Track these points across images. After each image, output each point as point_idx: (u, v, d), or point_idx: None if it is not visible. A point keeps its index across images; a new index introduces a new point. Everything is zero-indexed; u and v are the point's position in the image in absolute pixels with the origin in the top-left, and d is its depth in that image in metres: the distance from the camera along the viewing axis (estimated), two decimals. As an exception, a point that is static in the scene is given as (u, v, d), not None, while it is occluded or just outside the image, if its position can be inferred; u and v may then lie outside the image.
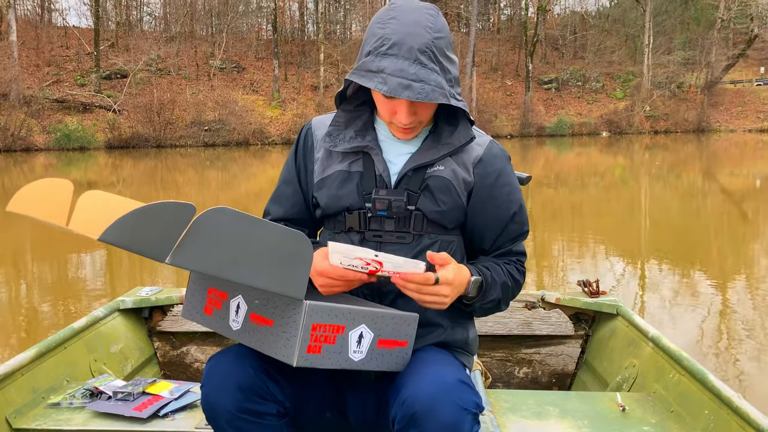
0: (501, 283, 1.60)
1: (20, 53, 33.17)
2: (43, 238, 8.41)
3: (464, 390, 1.37)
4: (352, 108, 1.68)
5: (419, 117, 1.54)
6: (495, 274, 1.60)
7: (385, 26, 1.48)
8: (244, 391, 1.42)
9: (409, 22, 1.47)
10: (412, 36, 1.45)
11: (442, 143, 1.60)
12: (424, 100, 1.42)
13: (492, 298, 1.58)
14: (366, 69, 1.47)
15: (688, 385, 2.06)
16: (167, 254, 1.13)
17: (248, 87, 38.71)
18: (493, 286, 1.58)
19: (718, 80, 44.91)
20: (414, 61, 1.43)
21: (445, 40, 1.50)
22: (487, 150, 1.64)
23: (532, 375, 2.87)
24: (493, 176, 1.62)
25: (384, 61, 1.45)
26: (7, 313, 5.23)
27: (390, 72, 1.43)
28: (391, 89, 1.42)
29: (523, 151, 27.30)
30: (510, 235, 1.66)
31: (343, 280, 1.46)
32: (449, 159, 1.61)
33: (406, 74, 1.42)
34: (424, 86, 1.43)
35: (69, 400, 2.12)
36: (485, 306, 1.60)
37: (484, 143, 1.65)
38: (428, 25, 1.47)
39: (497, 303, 1.61)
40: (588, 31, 48.12)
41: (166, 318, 2.92)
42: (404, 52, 1.44)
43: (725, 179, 15.91)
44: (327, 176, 1.65)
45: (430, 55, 1.45)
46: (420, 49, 1.44)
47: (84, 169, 20.81)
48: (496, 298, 1.59)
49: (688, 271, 6.44)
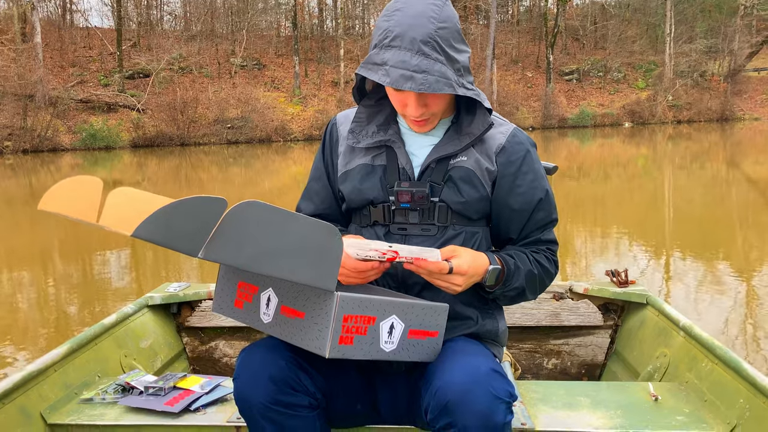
0: (525, 272, 1.59)
1: (44, 55, 33.52)
2: (69, 237, 8.54)
3: (497, 379, 1.37)
4: (373, 103, 1.69)
5: (430, 108, 1.54)
6: (519, 261, 1.59)
7: (390, 18, 1.48)
8: (276, 383, 1.43)
9: (412, 13, 1.46)
10: (414, 27, 1.44)
11: (463, 133, 1.60)
12: (427, 91, 1.42)
13: (515, 286, 1.57)
14: (371, 62, 1.48)
15: (722, 374, 2.03)
16: (200, 249, 1.14)
17: (269, 84, 38.86)
18: (515, 274, 1.57)
19: (741, 68, 44.17)
20: (416, 52, 1.43)
21: (451, 30, 1.48)
22: (510, 138, 1.63)
23: (561, 366, 2.85)
24: (516, 164, 1.61)
25: (387, 53, 1.45)
26: (37, 310, 5.31)
27: (392, 64, 1.43)
28: (393, 81, 1.42)
29: (546, 142, 27.12)
30: (537, 223, 1.64)
31: (357, 271, 1.46)
32: (472, 149, 1.60)
33: (408, 65, 1.42)
34: (427, 77, 1.42)
35: (101, 396, 2.15)
36: (508, 293, 1.59)
37: (507, 131, 1.64)
38: (432, 15, 1.46)
39: (521, 291, 1.60)
40: (608, 21, 47.58)
41: (195, 313, 2.94)
42: (406, 43, 1.43)
43: (750, 168, 15.75)
44: (350, 169, 1.67)
45: (434, 45, 1.44)
46: (422, 40, 1.43)
47: (110, 168, 21.06)
48: (519, 286, 1.58)
49: (713, 261, 6.41)
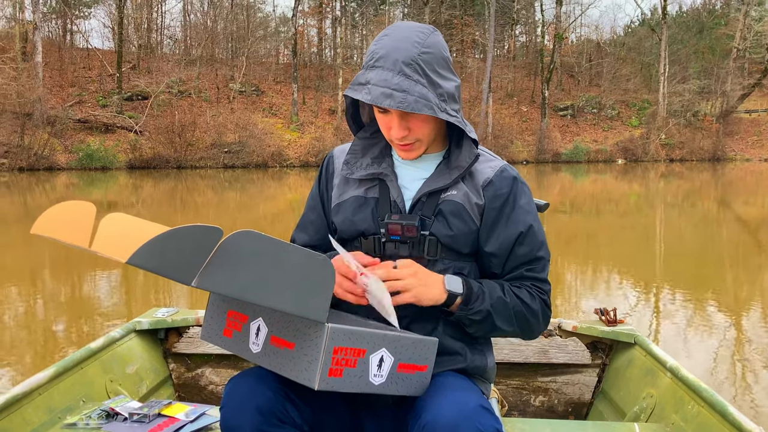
0: (494, 298, 1.56)
1: (44, 74, 33.72)
2: (60, 257, 8.46)
3: (485, 415, 1.36)
4: (369, 135, 1.72)
5: (414, 133, 1.56)
6: (486, 287, 1.57)
7: (378, 42, 1.53)
8: (263, 414, 1.41)
9: (398, 37, 1.51)
10: (398, 49, 1.48)
11: (453, 167, 1.62)
12: (406, 109, 1.45)
13: (479, 309, 1.54)
14: (356, 82, 1.51)
15: (708, 416, 2.02)
16: (194, 277, 1.13)
17: (267, 110, 39.15)
18: (479, 297, 1.54)
19: (733, 109, 44.81)
20: (398, 73, 1.46)
21: (435, 56, 1.52)
22: (498, 172, 1.64)
23: (548, 404, 2.83)
24: (502, 198, 1.62)
25: (371, 73, 1.49)
26: (25, 331, 5.26)
27: (374, 82, 1.47)
28: (374, 98, 1.45)
29: (539, 177, 27.34)
30: (519, 258, 1.62)
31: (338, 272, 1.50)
32: (461, 183, 1.62)
33: (389, 84, 1.45)
34: (407, 96, 1.45)
35: (85, 421, 2.11)
36: (472, 317, 1.55)
37: (496, 167, 1.65)
38: (416, 40, 1.50)
39: (488, 317, 1.55)
40: (603, 59, 48.24)
41: (182, 340, 2.91)
42: (389, 63, 1.47)
43: (740, 208, 15.89)
44: (343, 201, 1.68)
45: (416, 68, 1.48)
46: (405, 62, 1.47)
47: (105, 189, 20.98)
48: (483, 310, 1.54)
49: (703, 300, 6.40)
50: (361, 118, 1.75)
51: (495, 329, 1.58)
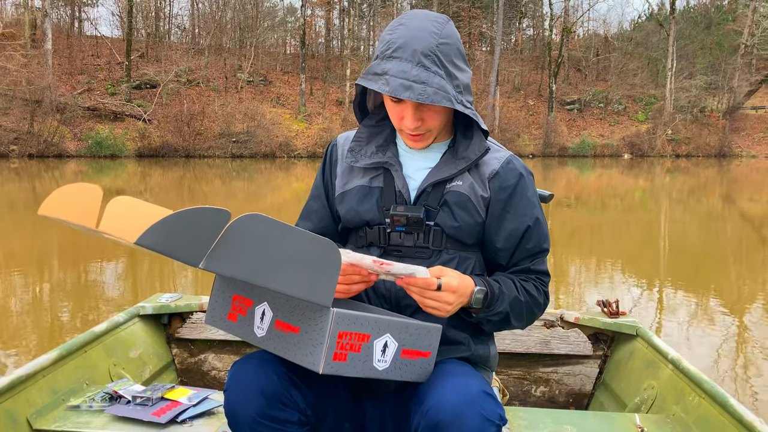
0: (511, 298, 1.57)
1: (53, 61, 33.74)
2: (68, 243, 8.51)
3: (488, 401, 1.36)
4: (374, 123, 1.71)
5: (427, 124, 1.55)
6: (505, 287, 1.57)
7: (393, 32, 1.50)
8: (267, 398, 1.42)
9: (415, 27, 1.49)
10: (416, 40, 1.46)
11: (459, 158, 1.60)
12: (425, 101, 1.43)
13: (498, 311, 1.55)
14: (372, 72, 1.49)
15: (709, 408, 2.03)
16: (201, 259, 1.13)
17: (275, 100, 39.23)
18: (500, 299, 1.55)
19: (740, 105, 44.75)
20: (417, 64, 1.45)
21: (452, 47, 1.50)
22: (504, 164, 1.63)
23: (549, 394, 2.83)
24: (508, 190, 1.61)
25: (388, 64, 1.46)
26: (31, 316, 5.31)
27: (393, 73, 1.44)
28: (392, 89, 1.43)
29: (545, 170, 27.35)
30: (526, 252, 1.63)
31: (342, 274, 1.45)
32: (467, 174, 1.61)
33: (408, 75, 1.44)
34: (426, 88, 1.43)
35: (89, 403, 2.12)
36: (491, 318, 1.56)
37: (502, 158, 1.64)
38: (434, 30, 1.48)
39: (505, 317, 1.57)
40: (611, 53, 48.13)
41: (185, 325, 2.92)
42: (408, 54, 1.45)
43: (745, 204, 15.95)
44: (348, 190, 1.67)
45: (434, 59, 1.46)
46: (423, 53, 1.45)
47: (113, 177, 21.08)
48: (503, 311, 1.56)
49: (706, 295, 6.41)
50: (367, 105, 1.74)
51: (509, 326, 1.62)
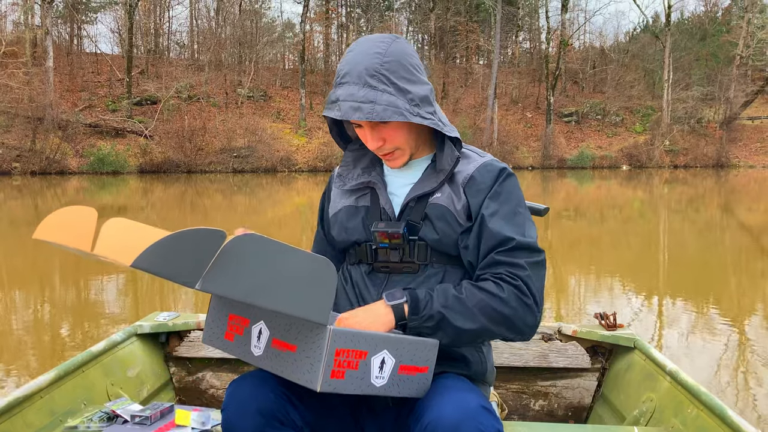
0: (449, 296, 1.50)
1: (54, 78, 33.96)
2: (68, 262, 8.49)
3: (486, 416, 1.36)
4: (357, 147, 1.76)
5: (391, 142, 1.58)
6: (438, 290, 1.52)
7: (342, 61, 1.56)
8: (264, 416, 1.42)
9: (360, 51, 1.54)
10: (361, 63, 1.51)
11: (438, 170, 1.63)
12: (375, 119, 1.47)
13: (430, 314, 1.48)
14: (329, 101, 1.54)
15: (707, 420, 2.03)
16: (197, 280, 1.13)
17: (275, 115, 39.48)
18: (428, 303, 1.49)
19: (736, 116, 45.02)
20: (364, 85, 1.49)
21: (399, 63, 1.53)
22: (480, 167, 1.63)
23: (547, 408, 2.82)
24: (484, 192, 1.59)
25: (339, 90, 1.51)
26: (31, 334, 5.29)
27: (343, 98, 1.49)
28: (343, 113, 1.48)
29: (545, 182, 27.51)
30: (488, 241, 1.55)
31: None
32: (446, 186, 1.62)
33: (356, 97, 1.48)
34: (375, 107, 1.46)
35: (86, 424, 2.11)
36: (426, 324, 1.49)
37: (478, 163, 1.64)
38: (377, 51, 1.52)
39: (442, 319, 1.48)
40: (607, 65, 48.46)
41: (183, 344, 2.92)
42: (354, 78, 1.50)
43: (743, 214, 16.02)
44: (337, 212, 1.73)
45: (380, 78, 1.49)
46: (368, 74, 1.49)
47: (115, 193, 21.14)
48: (435, 313, 1.48)
49: (706, 306, 6.36)
50: (348, 133, 1.79)
51: (460, 331, 1.50)
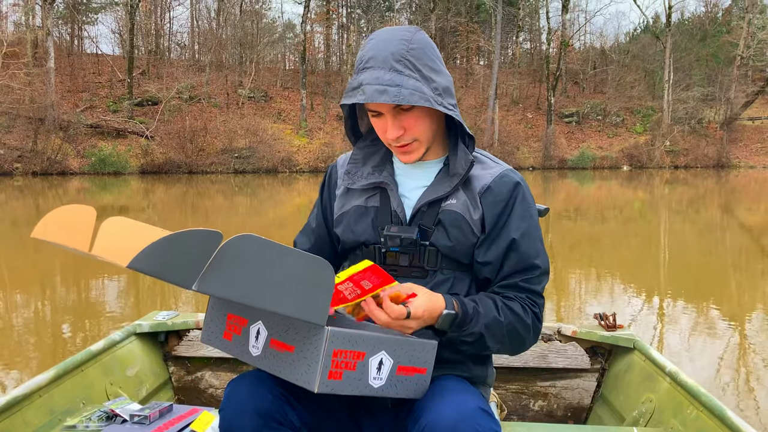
0: (488, 318, 1.51)
1: (55, 79, 33.96)
2: (69, 262, 8.52)
3: (485, 418, 1.36)
4: (368, 143, 1.72)
5: (410, 132, 1.54)
6: (482, 306, 1.52)
7: (365, 47, 1.53)
8: (262, 417, 1.42)
9: (384, 38, 1.51)
10: (387, 48, 1.48)
11: (451, 174, 1.60)
12: (401, 102, 1.44)
13: (472, 331, 1.50)
14: (350, 88, 1.51)
15: (707, 421, 2.04)
16: (194, 281, 1.12)
17: (276, 116, 39.48)
18: (474, 319, 1.50)
19: (737, 116, 45.00)
20: (390, 69, 1.46)
21: (424, 51, 1.51)
22: (498, 178, 1.60)
23: (547, 408, 2.82)
24: (501, 204, 1.58)
25: (362, 75, 1.48)
26: (32, 333, 5.30)
27: (367, 82, 1.46)
28: (368, 96, 1.44)
29: (545, 183, 27.49)
30: (512, 266, 1.57)
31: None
32: (461, 191, 1.59)
33: (382, 80, 1.45)
34: (401, 90, 1.44)
35: (85, 423, 2.11)
36: (465, 339, 1.51)
37: (495, 172, 1.62)
38: (403, 38, 1.50)
39: (480, 338, 1.51)
40: (608, 66, 48.44)
41: (182, 343, 2.92)
42: (379, 62, 1.47)
43: (743, 215, 16.03)
44: (345, 212, 1.68)
45: (406, 63, 1.48)
46: (395, 59, 1.47)
47: (117, 194, 21.12)
48: (477, 332, 1.50)
49: (706, 306, 6.37)
50: (360, 129, 1.76)
51: (486, 349, 1.55)
